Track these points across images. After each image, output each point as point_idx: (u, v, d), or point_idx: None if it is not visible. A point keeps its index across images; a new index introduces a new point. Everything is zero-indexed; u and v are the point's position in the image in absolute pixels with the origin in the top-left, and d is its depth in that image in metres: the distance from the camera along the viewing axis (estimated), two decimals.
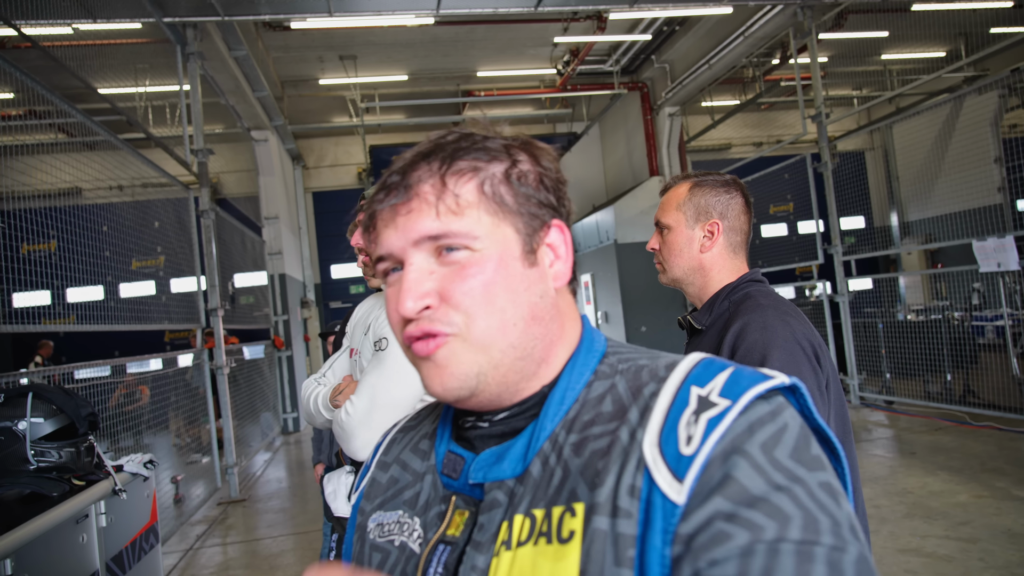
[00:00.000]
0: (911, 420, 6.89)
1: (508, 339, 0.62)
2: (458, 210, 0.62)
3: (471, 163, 0.64)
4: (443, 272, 0.62)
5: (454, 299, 0.61)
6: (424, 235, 0.62)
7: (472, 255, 0.62)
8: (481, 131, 0.67)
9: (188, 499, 6.21)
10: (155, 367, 7.19)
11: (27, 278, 3.99)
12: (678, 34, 10.42)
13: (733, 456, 0.50)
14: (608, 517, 0.53)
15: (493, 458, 0.64)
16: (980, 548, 3.61)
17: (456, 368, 0.62)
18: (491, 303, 0.61)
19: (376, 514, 0.74)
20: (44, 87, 4.17)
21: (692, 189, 1.54)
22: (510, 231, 0.64)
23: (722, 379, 0.56)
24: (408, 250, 0.63)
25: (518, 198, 0.65)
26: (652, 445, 0.54)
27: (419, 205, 0.62)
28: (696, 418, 0.53)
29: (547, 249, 0.66)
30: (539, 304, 0.64)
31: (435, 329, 0.62)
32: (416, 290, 0.61)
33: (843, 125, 13.16)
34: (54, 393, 2.43)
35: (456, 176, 0.63)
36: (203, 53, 6.93)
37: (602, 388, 0.63)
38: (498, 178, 0.64)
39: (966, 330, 7.17)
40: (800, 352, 1.32)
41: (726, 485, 0.49)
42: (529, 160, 0.67)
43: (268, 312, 10.19)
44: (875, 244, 12.53)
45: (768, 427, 0.52)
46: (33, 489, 2.26)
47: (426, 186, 0.63)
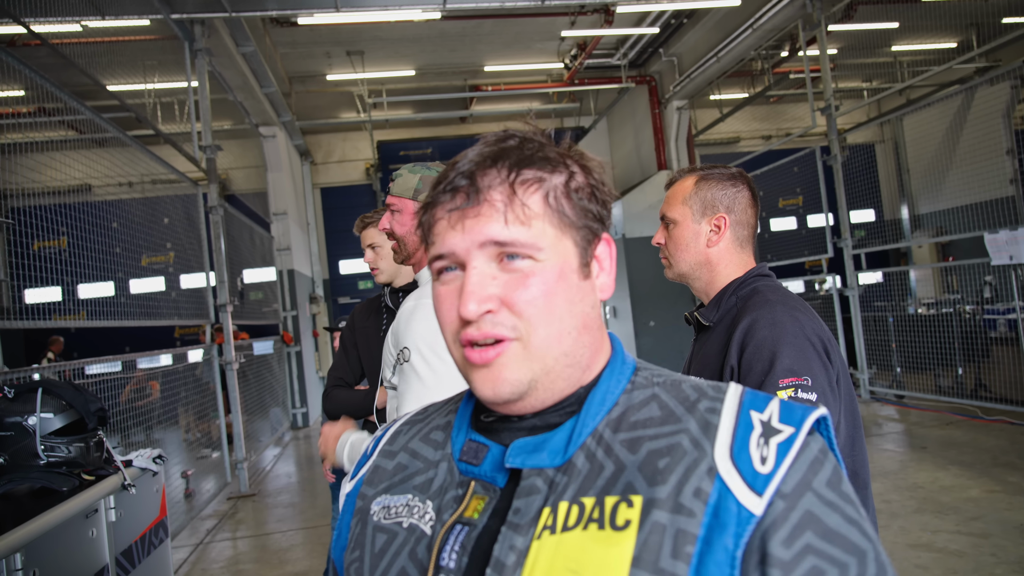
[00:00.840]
0: (922, 415, 6.85)
1: (562, 347, 0.65)
2: (525, 220, 0.64)
3: (536, 173, 0.65)
4: (505, 279, 0.64)
5: (517, 306, 0.63)
6: (491, 239, 0.63)
7: (535, 265, 0.64)
8: (533, 135, 0.69)
9: (198, 494, 6.25)
10: (165, 363, 7.23)
11: (38, 274, 4.02)
12: (686, 27, 10.35)
13: (808, 494, 0.56)
14: (669, 513, 0.56)
15: (531, 447, 0.65)
16: (992, 543, 3.58)
17: (511, 374, 0.64)
18: (551, 312, 0.64)
19: (381, 498, 0.75)
20: (54, 84, 4.19)
21: (698, 183, 1.52)
22: (570, 243, 0.66)
23: (776, 407, 0.62)
24: (472, 252, 0.64)
25: (577, 211, 0.67)
26: (725, 458, 0.58)
27: (488, 211, 0.64)
28: (766, 441, 0.59)
29: (595, 262, 0.69)
30: (590, 314, 0.68)
31: (498, 333, 0.63)
32: (480, 293, 0.63)
33: (853, 118, 13.05)
34: (64, 388, 2.44)
35: (524, 186, 0.64)
36: (211, 49, 6.95)
37: (643, 396, 0.67)
38: (560, 190, 0.66)
39: (978, 324, 7.11)
40: (810, 348, 1.31)
41: (811, 521, 0.55)
42: (582, 172, 0.69)
43: (277, 308, 10.23)
44: (885, 237, 12.45)
45: (827, 464, 0.58)
46: (43, 484, 2.28)
47: (496, 192, 0.64)
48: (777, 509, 0.55)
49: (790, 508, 0.55)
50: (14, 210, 4.03)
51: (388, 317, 2.24)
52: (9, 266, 3.93)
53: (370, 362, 2.34)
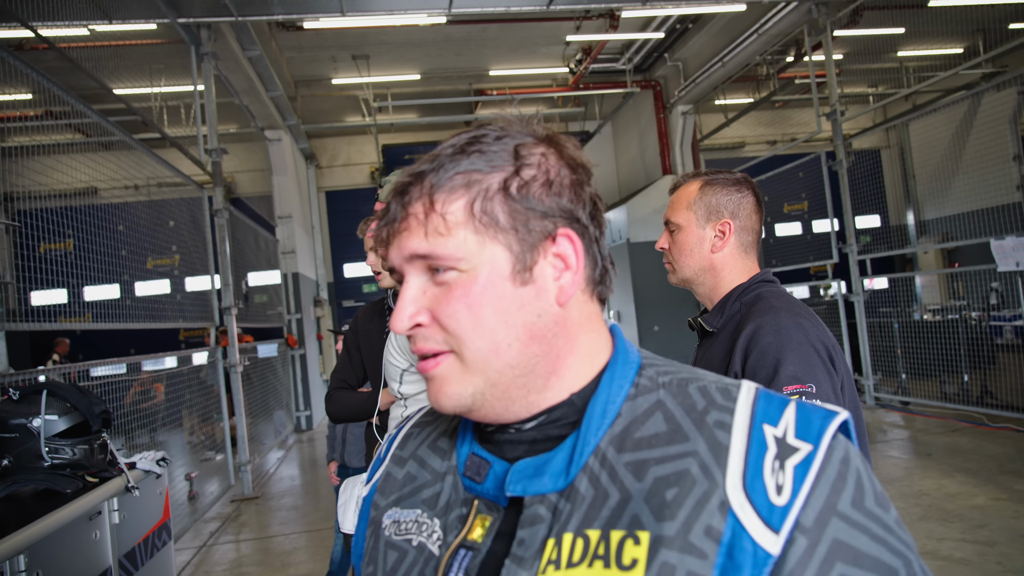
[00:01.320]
0: (927, 421, 6.81)
1: (503, 360, 0.61)
2: (445, 231, 0.61)
3: (466, 176, 0.62)
4: (434, 292, 0.63)
5: (442, 320, 0.62)
6: (412, 253, 0.63)
7: (460, 276, 0.61)
8: (503, 127, 0.65)
9: (202, 496, 6.26)
10: (170, 365, 7.25)
11: (44, 277, 4.04)
12: (691, 32, 10.36)
13: (832, 520, 0.52)
14: (679, 552, 0.52)
15: (531, 470, 0.62)
16: (998, 551, 3.56)
17: (450, 387, 0.62)
18: (479, 325, 0.61)
19: (392, 510, 0.73)
20: (61, 88, 4.22)
21: (703, 188, 1.52)
22: (499, 250, 0.62)
23: (791, 416, 0.57)
24: (404, 267, 0.65)
25: (514, 214, 0.62)
26: (737, 490, 0.54)
27: (409, 224, 0.63)
28: (781, 464, 0.54)
29: (553, 261, 0.63)
30: (537, 323, 0.62)
31: (427, 348, 0.63)
32: (407, 309, 0.63)
33: (858, 123, 13.02)
34: (68, 390, 2.45)
35: (447, 194, 0.62)
36: (217, 53, 6.98)
37: (648, 403, 0.62)
38: (492, 192, 0.62)
39: (984, 330, 7.08)
40: (814, 355, 1.30)
41: (839, 550, 0.51)
42: (542, 160, 0.64)
43: (281, 311, 10.25)
44: (891, 243, 12.40)
45: (849, 480, 0.54)
46: (47, 486, 2.28)
47: (417, 205, 0.63)
48: (800, 547, 0.51)
49: (815, 543, 0.51)
50: (21, 213, 4.05)
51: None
52: (16, 268, 3.95)
53: (373, 365, 2.34)
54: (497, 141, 0.64)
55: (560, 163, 0.65)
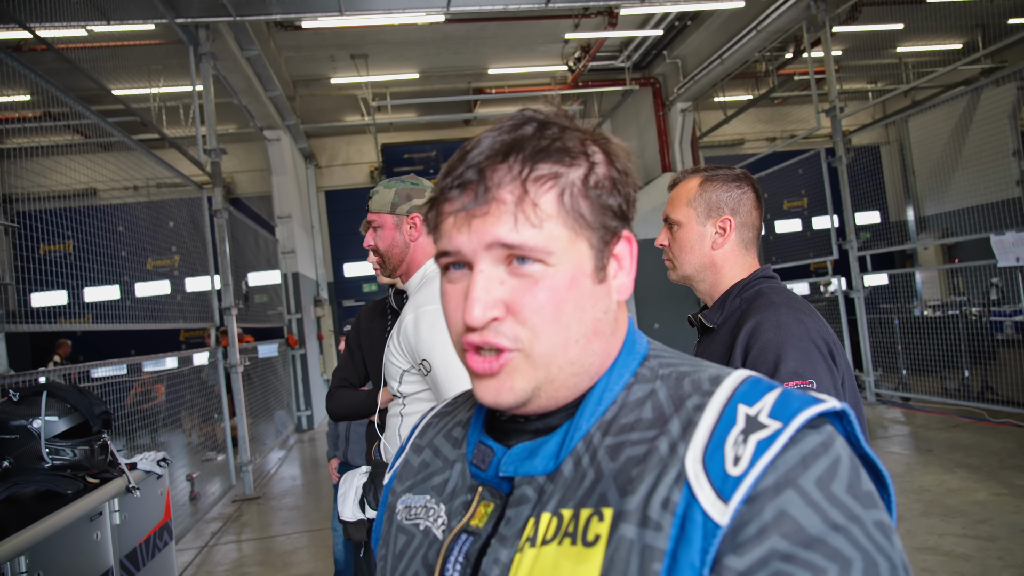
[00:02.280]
0: (928, 417, 6.81)
1: (568, 356, 0.61)
2: (537, 222, 0.59)
3: (552, 167, 0.60)
4: (513, 284, 0.60)
5: (523, 314, 0.59)
6: (499, 241, 0.59)
7: (545, 269, 0.59)
8: (554, 117, 0.63)
9: (203, 496, 6.26)
10: (171, 366, 7.25)
11: (44, 278, 4.03)
12: (690, 29, 10.35)
13: (787, 490, 0.48)
14: (636, 526, 0.52)
15: (526, 453, 0.63)
16: (999, 547, 3.56)
17: (514, 383, 0.61)
18: (558, 320, 0.59)
19: (406, 496, 0.74)
20: (59, 89, 4.21)
21: (703, 184, 1.51)
22: (584, 246, 0.61)
23: (771, 399, 0.54)
24: (479, 253, 0.60)
25: (595, 211, 0.61)
26: (695, 461, 0.52)
27: (497, 210, 0.59)
28: (745, 438, 0.52)
29: (613, 261, 0.64)
30: (603, 320, 0.62)
31: (501, 343, 0.60)
32: (485, 299, 0.59)
33: (858, 119, 13.01)
34: (68, 391, 2.45)
35: (538, 183, 0.59)
36: (215, 53, 6.97)
37: (642, 392, 0.62)
38: (577, 187, 0.61)
39: (984, 325, 7.07)
40: (815, 351, 1.30)
41: (782, 522, 0.47)
42: (604, 160, 0.63)
43: (282, 311, 10.24)
44: (891, 239, 12.39)
45: (822, 460, 0.50)
46: (48, 487, 2.28)
47: (506, 191, 0.59)
48: (744, 517, 0.48)
49: (759, 511, 0.48)
50: (20, 214, 4.04)
51: (393, 318, 2.25)
52: (16, 270, 3.95)
53: (374, 363, 2.34)
54: (564, 132, 0.62)
55: (615, 163, 0.64)
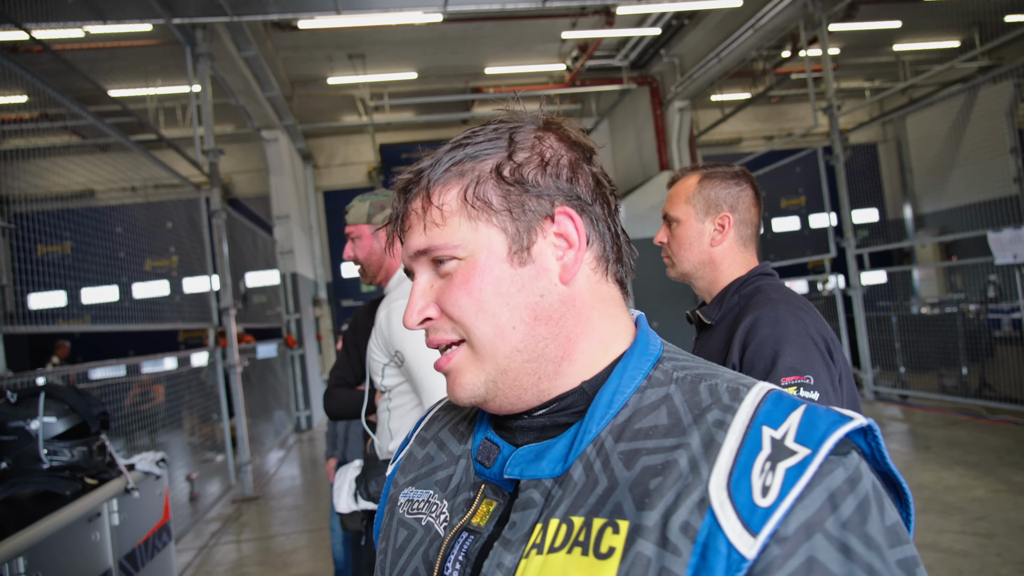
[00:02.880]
0: (926, 414, 6.82)
1: (509, 343, 0.61)
2: (442, 221, 0.63)
3: (460, 167, 0.63)
4: (439, 284, 0.65)
5: (447, 310, 0.63)
6: (413, 250, 0.65)
7: (460, 264, 0.63)
8: (503, 120, 0.66)
9: (203, 497, 6.25)
10: (169, 366, 7.24)
11: (42, 279, 4.03)
12: (687, 28, 10.35)
13: (816, 535, 0.47)
14: (654, 545, 0.50)
15: (532, 455, 0.62)
16: (997, 543, 3.57)
17: (464, 378, 0.64)
18: (481, 310, 0.61)
19: (408, 489, 0.74)
20: (56, 90, 4.20)
21: (702, 181, 1.51)
22: (494, 232, 0.62)
23: (796, 420, 0.52)
24: (411, 264, 0.67)
25: (507, 196, 0.62)
26: (720, 488, 0.50)
27: (411, 222, 0.65)
28: (772, 466, 0.50)
29: (555, 241, 0.63)
30: (540, 303, 0.62)
31: (440, 339, 0.64)
32: (416, 304, 0.65)
33: (855, 117, 13.03)
34: (66, 393, 2.45)
35: (441, 186, 0.63)
36: (212, 54, 6.96)
37: (656, 396, 0.60)
38: (484, 177, 0.63)
39: (982, 323, 7.09)
40: (813, 347, 1.30)
41: (812, 570, 0.47)
42: (534, 144, 0.64)
43: (280, 311, 10.24)
44: (888, 237, 12.40)
45: (849, 500, 0.49)
46: (46, 488, 2.28)
47: (416, 203, 0.65)
48: (771, 553, 0.47)
49: (788, 554, 0.47)
50: (18, 215, 4.03)
51: None
52: (13, 271, 3.94)
53: None
54: (494, 131, 0.65)
55: (559, 144, 0.65)
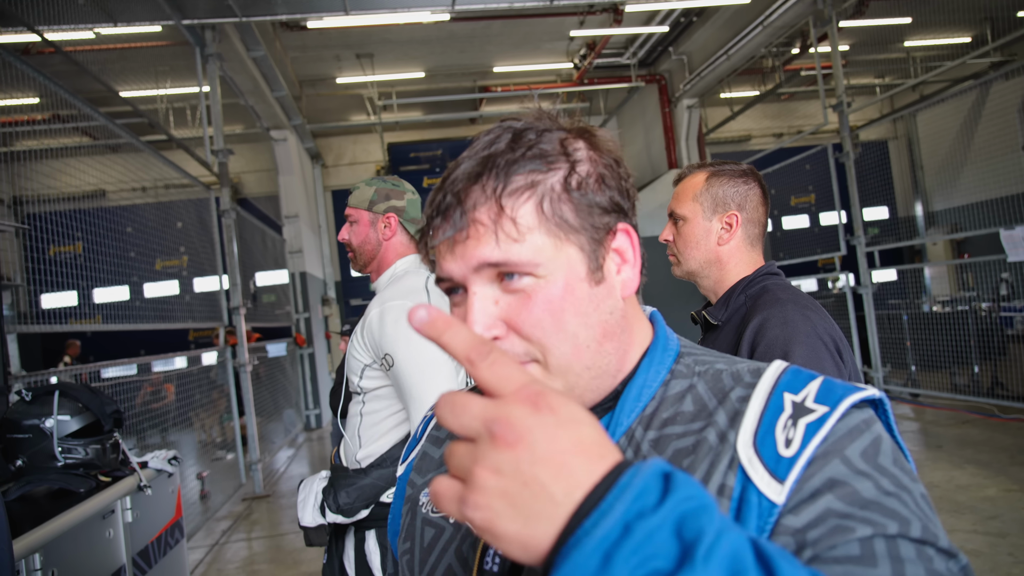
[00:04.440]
0: (937, 413, 6.78)
1: (583, 362, 0.61)
2: (519, 236, 0.58)
3: (527, 177, 0.59)
4: (508, 301, 0.60)
5: (524, 331, 0.59)
6: (484, 262, 0.59)
7: (537, 282, 0.59)
8: (534, 122, 0.63)
9: (213, 495, 6.29)
10: (180, 365, 7.29)
11: (54, 279, 4.06)
12: (695, 25, 10.31)
13: (834, 461, 0.50)
14: None
15: None
16: (1009, 543, 3.54)
17: None
18: (562, 331, 0.59)
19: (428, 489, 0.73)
20: (67, 91, 4.24)
21: (709, 179, 1.50)
22: (574, 251, 0.60)
23: (815, 387, 0.56)
24: (469, 276, 0.60)
25: (580, 212, 0.60)
26: (747, 445, 0.54)
27: (476, 232, 0.59)
28: (794, 422, 0.53)
29: (613, 257, 0.63)
30: (610, 320, 0.62)
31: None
32: (482, 320, 0.59)
33: (865, 114, 12.94)
34: (80, 391, 2.47)
35: (513, 197, 0.59)
36: (222, 54, 7.00)
37: (680, 387, 0.62)
38: (557, 192, 0.60)
39: (994, 321, 7.03)
40: (822, 347, 1.30)
41: (836, 487, 0.49)
42: (588, 155, 0.62)
43: (289, 310, 10.28)
44: (899, 234, 12.33)
45: (865, 435, 0.52)
46: (61, 485, 2.31)
47: (482, 212, 0.59)
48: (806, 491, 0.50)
49: (811, 475, 0.50)
50: (30, 216, 4.07)
51: None
52: (26, 271, 3.98)
53: None
54: (541, 136, 0.61)
55: (604, 155, 0.64)
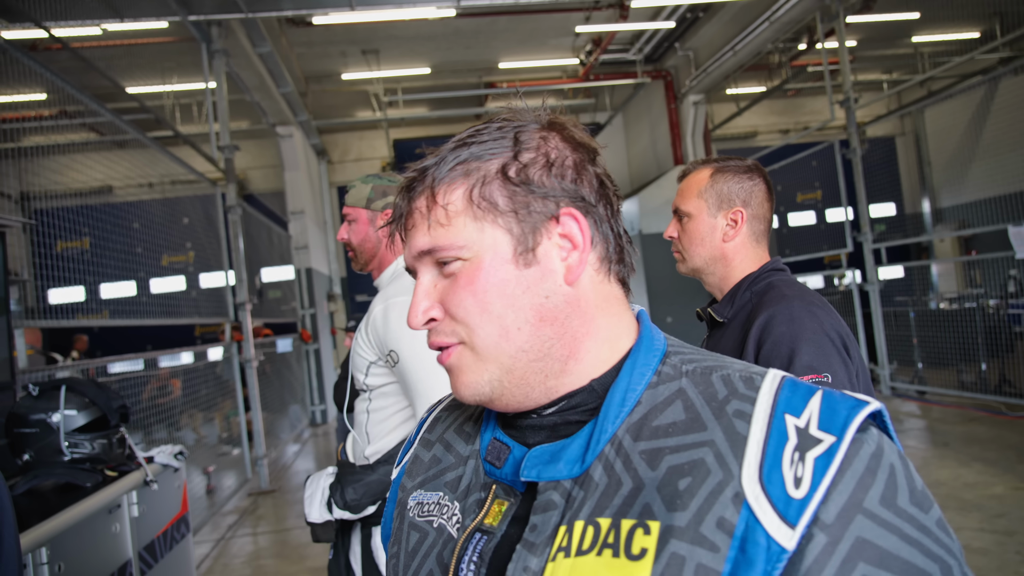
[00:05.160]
0: (944, 411, 6.75)
1: (515, 344, 0.62)
2: (446, 221, 0.63)
3: (465, 166, 0.63)
4: (444, 285, 0.64)
5: (452, 311, 0.63)
6: (418, 250, 0.64)
7: (464, 265, 0.62)
8: (508, 118, 0.66)
9: (220, 490, 6.32)
10: (186, 361, 7.32)
11: (62, 274, 4.08)
12: (702, 20, 10.26)
13: (857, 518, 0.49)
14: (689, 544, 0.51)
15: (547, 456, 0.62)
16: (1017, 541, 3.53)
17: (467, 377, 0.63)
18: (485, 311, 0.61)
19: (417, 492, 0.74)
20: (74, 87, 4.25)
21: (714, 175, 1.49)
22: (500, 233, 0.62)
23: (816, 406, 0.54)
24: (415, 264, 0.66)
25: (513, 196, 0.62)
26: (752, 481, 0.52)
27: (414, 221, 0.65)
28: (801, 456, 0.51)
29: (559, 242, 0.63)
30: (546, 304, 0.62)
31: (441, 341, 0.65)
32: (420, 305, 0.65)
33: (872, 110, 12.87)
34: (86, 386, 2.48)
35: (447, 185, 0.63)
36: (228, 50, 7.01)
37: (669, 391, 0.61)
38: (490, 177, 0.63)
39: (1002, 318, 6.99)
40: (829, 344, 1.28)
41: (863, 549, 0.48)
42: (543, 145, 0.64)
43: (295, 306, 10.31)
44: (906, 231, 12.27)
45: (880, 476, 0.51)
46: (67, 480, 2.32)
47: (420, 201, 0.65)
48: (818, 544, 0.49)
49: (836, 540, 0.49)
50: (38, 212, 4.10)
51: None
52: (33, 267, 4.01)
53: None
54: (498, 130, 0.65)
55: (563, 145, 0.65)
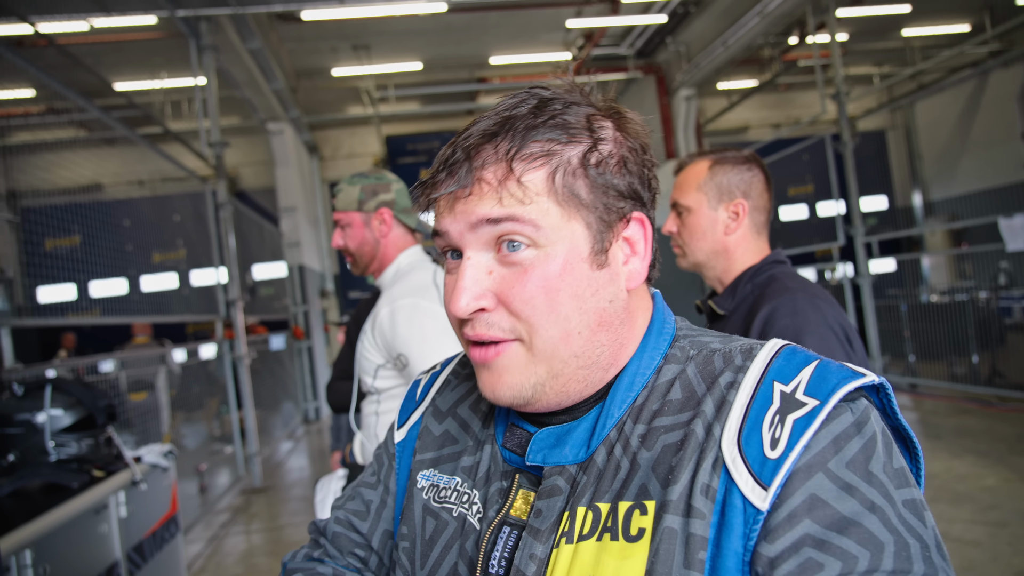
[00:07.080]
0: (936, 403, 6.78)
1: (571, 349, 0.57)
2: (526, 198, 0.55)
3: (545, 145, 0.57)
4: (503, 273, 0.57)
5: (513, 306, 0.57)
6: (482, 218, 0.56)
7: (536, 255, 0.56)
8: (563, 93, 0.60)
9: (212, 488, 6.28)
10: (178, 359, 7.26)
11: (51, 272, 4.04)
12: (693, 15, 10.25)
13: (818, 475, 0.47)
14: (681, 516, 0.50)
15: (552, 439, 0.60)
16: (1009, 532, 3.54)
17: (511, 378, 0.58)
18: (554, 311, 0.56)
19: (429, 472, 0.70)
20: (61, 84, 4.20)
21: (713, 167, 1.47)
22: (580, 227, 0.57)
23: (807, 374, 0.52)
24: (465, 236, 0.58)
25: (594, 191, 0.58)
26: (731, 443, 0.50)
27: (480, 190, 0.56)
28: (781, 418, 0.50)
29: (623, 245, 0.60)
30: (608, 309, 0.59)
31: (490, 335, 0.58)
32: (472, 289, 0.57)
33: (864, 104, 12.90)
34: (72, 385, 2.45)
35: (525, 161, 0.56)
36: (217, 46, 6.94)
37: (671, 374, 0.59)
38: (573, 166, 0.57)
39: (993, 310, 7.03)
40: (833, 337, 1.27)
41: (815, 508, 0.47)
42: (614, 135, 0.60)
43: (287, 303, 10.26)
44: (897, 224, 12.32)
45: (854, 442, 0.48)
46: (53, 480, 2.29)
47: (489, 171, 0.57)
48: (786, 508, 0.47)
49: (790, 494, 0.47)
50: (26, 209, 4.04)
51: None
52: (22, 265, 3.96)
53: None
54: (568, 109, 0.59)
55: (627, 137, 0.61)
